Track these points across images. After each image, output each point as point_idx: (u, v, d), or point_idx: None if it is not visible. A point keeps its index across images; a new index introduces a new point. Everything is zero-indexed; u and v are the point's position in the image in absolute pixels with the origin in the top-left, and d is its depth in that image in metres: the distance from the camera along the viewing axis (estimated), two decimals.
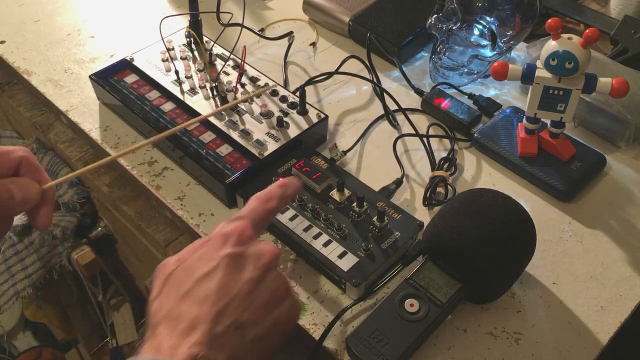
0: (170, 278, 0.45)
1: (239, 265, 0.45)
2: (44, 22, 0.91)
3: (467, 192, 0.58)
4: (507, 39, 0.76)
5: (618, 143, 0.72)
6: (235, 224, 0.47)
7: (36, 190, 0.45)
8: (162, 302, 0.44)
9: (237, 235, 0.46)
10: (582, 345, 0.55)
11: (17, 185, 0.44)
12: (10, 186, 0.44)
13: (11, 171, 0.45)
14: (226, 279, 0.44)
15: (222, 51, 0.78)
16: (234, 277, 0.44)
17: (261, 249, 0.47)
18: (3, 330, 1.38)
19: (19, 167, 0.45)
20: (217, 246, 0.46)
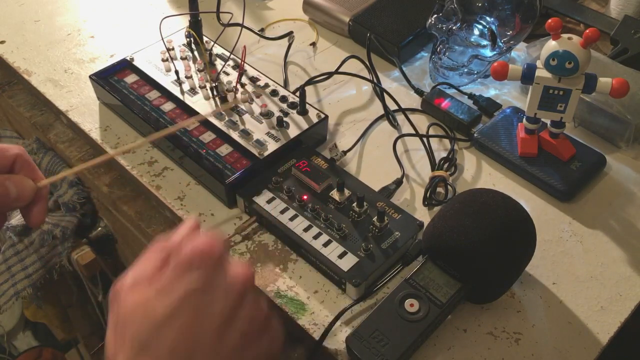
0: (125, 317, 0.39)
1: (204, 302, 0.38)
2: (44, 22, 0.91)
3: (467, 192, 0.58)
4: (507, 39, 0.76)
5: (618, 143, 0.72)
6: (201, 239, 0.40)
7: (31, 187, 0.45)
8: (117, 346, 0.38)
9: (204, 257, 0.39)
10: (582, 345, 0.55)
11: (12, 182, 0.44)
12: (5, 183, 0.44)
13: (6, 169, 0.45)
14: (189, 322, 0.37)
15: (222, 51, 0.78)
16: (198, 320, 0.38)
17: (233, 275, 0.40)
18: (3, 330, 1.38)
19: (14, 165, 0.45)
20: (178, 274, 0.39)
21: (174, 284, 0.39)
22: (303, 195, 0.63)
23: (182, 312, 0.38)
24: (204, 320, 0.38)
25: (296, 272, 0.60)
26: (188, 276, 0.39)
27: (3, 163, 0.45)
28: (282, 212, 0.62)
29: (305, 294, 0.59)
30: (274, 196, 0.63)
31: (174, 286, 0.39)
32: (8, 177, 0.44)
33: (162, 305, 0.38)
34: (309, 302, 0.58)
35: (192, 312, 0.38)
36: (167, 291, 0.38)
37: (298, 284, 0.59)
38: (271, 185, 0.64)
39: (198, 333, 0.37)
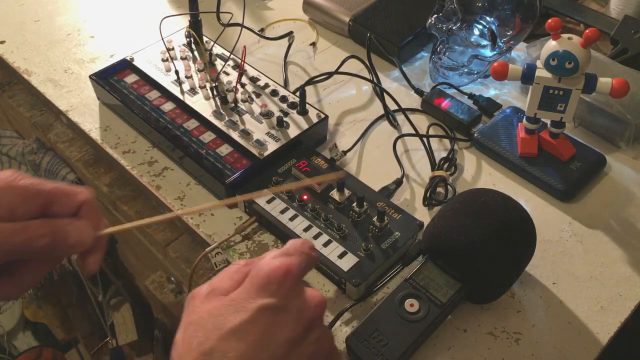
0: (197, 322, 0.39)
1: (275, 321, 0.38)
2: (44, 22, 0.91)
3: (467, 192, 0.58)
4: (507, 39, 0.76)
5: (618, 143, 0.72)
6: (280, 261, 0.41)
7: (91, 235, 0.44)
8: (183, 350, 0.39)
9: (281, 279, 0.40)
10: (582, 345, 0.55)
11: (74, 227, 0.43)
12: (67, 227, 0.43)
13: (71, 212, 0.45)
14: (259, 340, 0.38)
15: (222, 51, 0.78)
16: (265, 339, 0.38)
17: (306, 300, 0.40)
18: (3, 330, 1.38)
19: (80, 209, 0.45)
20: (254, 291, 0.39)
21: (248, 299, 0.39)
22: (303, 195, 0.63)
23: (252, 328, 0.38)
24: (272, 340, 0.38)
25: None
26: (263, 294, 0.39)
27: (70, 206, 0.44)
28: (282, 212, 0.62)
29: None
30: (274, 196, 0.63)
31: (248, 301, 0.39)
32: (71, 222, 0.44)
33: (233, 318, 0.38)
34: None
35: (262, 329, 0.38)
36: (241, 305, 0.39)
37: None
38: (271, 185, 0.64)
39: (264, 351, 0.38)
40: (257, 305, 0.38)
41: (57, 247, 0.43)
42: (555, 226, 0.65)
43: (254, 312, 0.38)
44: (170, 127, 0.69)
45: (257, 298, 0.39)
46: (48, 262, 0.46)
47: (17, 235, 0.41)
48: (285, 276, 0.40)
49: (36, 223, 0.42)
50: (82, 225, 0.44)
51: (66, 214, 0.44)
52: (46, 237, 0.42)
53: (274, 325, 0.38)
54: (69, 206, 0.44)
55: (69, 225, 0.43)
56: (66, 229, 0.43)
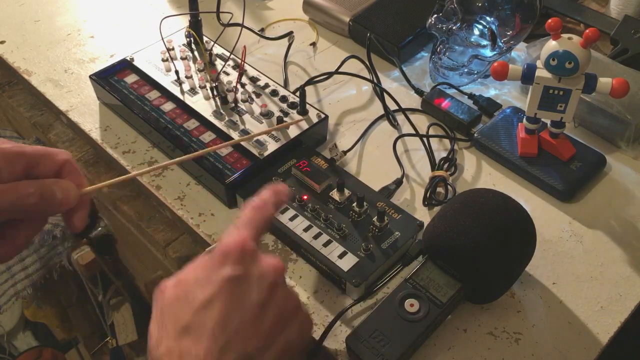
0: (168, 307, 0.43)
1: (240, 288, 0.42)
2: (44, 22, 0.91)
3: (467, 192, 0.58)
4: (507, 39, 0.76)
5: (618, 143, 0.72)
6: (233, 237, 0.44)
7: (75, 193, 0.46)
8: (160, 335, 0.42)
9: (237, 252, 0.43)
10: (582, 345, 0.55)
11: (59, 186, 0.45)
12: (52, 187, 0.45)
13: (54, 172, 0.46)
14: (227, 308, 0.41)
15: (222, 51, 0.78)
16: (235, 304, 0.41)
17: (265, 266, 0.44)
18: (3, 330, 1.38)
19: (61, 170, 0.46)
20: (215, 267, 0.43)
21: (211, 275, 0.42)
22: (303, 195, 0.63)
23: (220, 298, 0.41)
24: (241, 306, 0.41)
25: (296, 272, 0.60)
26: (224, 267, 0.42)
27: (51, 167, 0.46)
28: (282, 212, 0.62)
29: (305, 294, 0.59)
30: None
31: (212, 276, 0.42)
32: (55, 182, 0.45)
33: (201, 293, 0.41)
34: (309, 302, 0.58)
35: (229, 298, 0.41)
36: (206, 281, 0.42)
37: (298, 284, 0.59)
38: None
39: (235, 317, 0.41)
40: (220, 277, 0.42)
41: (45, 205, 0.44)
42: (555, 226, 0.65)
43: (219, 284, 0.42)
44: (170, 127, 0.69)
45: (220, 271, 0.42)
46: (36, 222, 0.48)
47: (7, 194, 0.42)
48: (241, 249, 0.43)
49: (23, 183, 0.43)
50: (66, 184, 0.46)
51: (49, 175, 0.46)
52: (34, 195, 0.43)
53: (240, 292, 0.42)
54: (51, 167, 0.46)
55: (54, 185, 0.45)
56: (52, 187, 0.44)
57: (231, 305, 0.41)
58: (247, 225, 0.46)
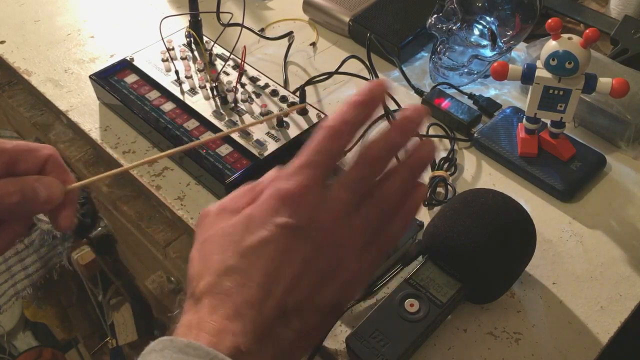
0: (214, 240, 0.40)
1: (291, 241, 0.39)
2: (44, 22, 0.91)
3: (467, 192, 0.58)
4: (507, 39, 0.76)
5: (618, 143, 0.72)
6: (297, 180, 0.39)
7: (60, 190, 0.44)
8: (202, 269, 0.39)
9: (297, 201, 0.39)
10: (582, 345, 0.55)
11: (41, 183, 0.43)
12: (35, 184, 0.43)
13: (37, 168, 0.44)
14: (274, 258, 0.38)
15: (222, 51, 0.78)
16: (283, 256, 0.38)
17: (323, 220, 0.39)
18: (3, 330, 1.38)
19: (45, 166, 0.45)
20: (270, 210, 0.39)
21: (265, 218, 0.39)
22: None
23: (271, 246, 0.38)
24: (288, 258, 0.39)
25: None
26: (281, 212, 0.39)
27: (34, 163, 0.44)
28: None
29: None
30: None
31: (266, 220, 0.39)
32: (38, 179, 0.43)
33: (251, 236, 0.39)
34: None
35: (281, 247, 0.38)
36: (258, 223, 0.39)
37: None
38: None
39: (280, 268, 0.38)
40: (275, 224, 0.38)
41: (27, 204, 0.42)
42: (555, 226, 0.65)
43: (273, 230, 0.38)
44: (170, 127, 0.69)
45: (275, 216, 0.39)
46: (20, 222, 0.46)
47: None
48: (299, 197, 0.39)
49: (3, 182, 0.42)
50: (50, 180, 0.44)
51: (31, 172, 0.44)
52: (15, 194, 0.41)
53: (291, 243, 0.39)
54: (34, 163, 0.44)
55: (36, 182, 0.43)
56: (34, 185, 0.43)
57: (279, 254, 0.38)
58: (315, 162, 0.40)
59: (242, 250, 0.39)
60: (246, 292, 0.38)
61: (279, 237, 0.38)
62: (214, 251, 0.40)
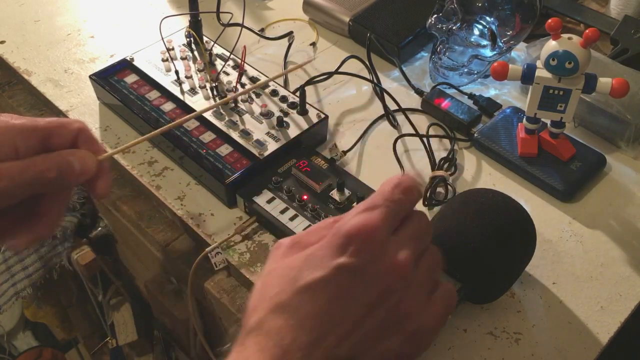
0: (274, 272, 0.39)
1: (353, 283, 0.37)
2: (44, 22, 0.91)
3: (467, 192, 0.58)
4: (507, 39, 0.76)
5: (618, 143, 0.72)
6: (363, 218, 0.38)
7: (93, 162, 0.46)
8: (258, 303, 0.38)
9: (362, 238, 0.37)
10: (582, 345, 0.55)
11: (76, 157, 0.45)
12: (69, 158, 0.45)
13: (68, 143, 0.46)
14: (330, 301, 0.36)
15: (222, 51, 0.78)
16: (340, 300, 0.36)
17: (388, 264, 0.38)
18: (3, 330, 1.38)
19: (76, 139, 0.47)
20: (334, 249, 0.37)
21: (326, 257, 0.37)
22: (303, 195, 0.63)
23: (327, 287, 0.37)
24: (345, 303, 0.37)
25: None
26: (342, 253, 0.37)
27: (66, 137, 0.46)
28: (282, 212, 0.62)
29: None
30: (274, 196, 0.63)
31: (325, 259, 0.37)
32: (72, 153, 0.45)
33: (309, 274, 0.37)
34: None
35: (336, 290, 0.37)
36: (319, 262, 0.37)
37: None
38: (271, 185, 0.64)
39: (335, 314, 0.36)
40: (334, 264, 0.37)
41: (64, 178, 0.44)
42: (555, 226, 0.65)
43: (331, 271, 0.37)
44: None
45: (336, 257, 0.37)
46: (62, 194, 0.48)
47: (26, 171, 0.43)
48: (367, 235, 0.37)
49: (40, 158, 0.44)
50: (83, 153, 0.46)
51: (64, 146, 0.46)
52: (52, 170, 0.43)
53: (350, 287, 0.37)
54: (66, 137, 0.46)
55: (71, 156, 0.45)
56: (69, 159, 0.45)
57: (335, 298, 0.36)
58: (385, 208, 0.39)
59: (297, 289, 0.37)
60: (296, 334, 0.36)
61: (336, 279, 0.37)
62: (272, 285, 0.38)
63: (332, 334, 0.36)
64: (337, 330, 0.36)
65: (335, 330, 0.36)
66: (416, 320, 0.38)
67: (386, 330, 0.37)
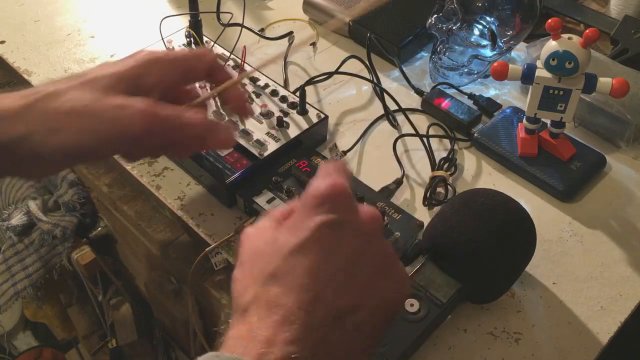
0: (255, 253, 0.40)
1: (335, 236, 0.38)
2: (44, 22, 0.91)
3: (467, 192, 0.58)
4: (507, 39, 0.76)
5: (618, 143, 0.72)
6: (327, 181, 0.39)
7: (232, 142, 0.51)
8: (247, 282, 0.39)
9: (333, 197, 0.39)
10: (582, 345, 0.55)
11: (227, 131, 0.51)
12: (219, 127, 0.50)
13: (205, 74, 0.51)
14: (320, 255, 0.37)
15: (222, 51, 0.78)
16: (329, 254, 0.38)
17: (362, 214, 0.40)
18: (3, 330, 1.39)
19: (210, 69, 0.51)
20: (309, 212, 0.39)
21: (304, 220, 0.39)
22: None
23: (314, 245, 0.38)
24: (334, 255, 0.38)
25: None
26: (320, 212, 0.39)
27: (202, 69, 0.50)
28: None
29: None
30: (274, 196, 0.63)
31: (305, 222, 0.38)
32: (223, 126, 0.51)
33: (293, 240, 0.38)
34: None
35: (324, 245, 0.38)
36: (298, 228, 0.39)
37: None
38: (271, 185, 0.64)
39: (328, 266, 0.38)
40: (315, 223, 0.38)
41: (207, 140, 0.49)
42: (555, 226, 0.65)
43: (314, 231, 0.38)
44: None
45: (315, 216, 0.38)
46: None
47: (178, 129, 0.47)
48: (338, 193, 0.39)
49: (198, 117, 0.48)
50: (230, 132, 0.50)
51: (201, 76, 0.51)
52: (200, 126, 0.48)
53: (336, 240, 0.38)
54: (202, 69, 0.51)
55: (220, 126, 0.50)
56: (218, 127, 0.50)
57: (324, 253, 0.38)
58: (339, 173, 0.41)
59: (285, 255, 0.38)
60: (294, 297, 0.36)
61: (321, 236, 0.38)
62: (256, 263, 0.39)
63: (328, 287, 0.37)
64: (333, 283, 0.37)
65: (331, 283, 0.37)
66: (398, 263, 0.41)
67: (379, 275, 0.39)
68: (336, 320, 0.36)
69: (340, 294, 0.37)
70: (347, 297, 0.37)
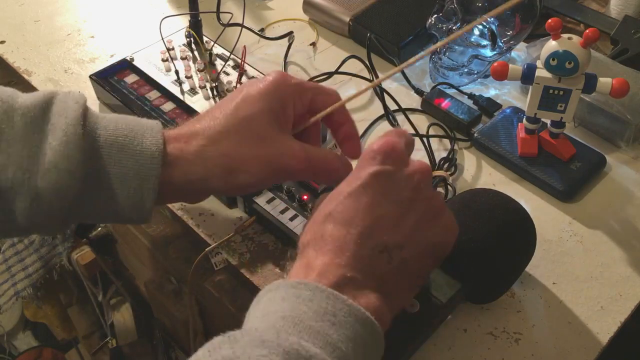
0: (320, 203, 0.46)
1: (387, 184, 0.44)
2: (44, 22, 0.91)
3: (467, 192, 0.58)
4: (507, 39, 0.76)
5: (618, 143, 0.72)
6: (385, 139, 0.46)
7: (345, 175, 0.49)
8: (309, 226, 0.45)
9: (387, 152, 0.45)
10: (582, 345, 0.55)
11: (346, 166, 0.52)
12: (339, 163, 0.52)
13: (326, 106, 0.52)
14: (372, 199, 0.43)
15: (222, 51, 0.78)
16: (380, 197, 0.43)
17: (412, 166, 0.46)
18: (3, 330, 1.39)
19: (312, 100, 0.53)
20: (364, 164, 0.45)
21: (359, 172, 0.44)
22: (303, 195, 0.63)
23: (366, 191, 0.43)
24: (385, 199, 0.43)
25: None
26: (372, 165, 0.44)
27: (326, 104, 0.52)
28: (282, 212, 0.62)
29: None
30: (274, 196, 0.63)
31: (359, 173, 0.44)
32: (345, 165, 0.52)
33: (348, 186, 0.44)
34: None
35: (375, 191, 0.43)
36: (355, 177, 0.44)
37: None
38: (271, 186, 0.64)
39: (379, 209, 0.43)
40: (368, 172, 0.44)
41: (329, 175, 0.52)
42: (555, 226, 0.65)
43: (367, 178, 0.43)
44: (169, 127, 0.69)
45: (368, 167, 0.44)
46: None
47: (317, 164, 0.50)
48: (390, 148, 0.45)
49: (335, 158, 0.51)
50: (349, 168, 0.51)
51: (322, 108, 0.53)
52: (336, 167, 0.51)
53: (386, 187, 0.43)
54: (325, 104, 0.53)
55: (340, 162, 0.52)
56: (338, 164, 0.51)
57: (376, 197, 0.43)
58: (397, 135, 0.47)
59: (342, 198, 0.43)
60: (347, 230, 0.42)
61: (373, 182, 0.43)
62: (318, 211, 0.45)
63: (378, 226, 0.42)
64: (381, 222, 0.42)
65: (379, 222, 0.42)
66: (447, 213, 0.46)
67: (426, 222, 0.44)
68: (383, 253, 0.42)
69: (387, 232, 0.42)
70: (394, 235, 0.42)
